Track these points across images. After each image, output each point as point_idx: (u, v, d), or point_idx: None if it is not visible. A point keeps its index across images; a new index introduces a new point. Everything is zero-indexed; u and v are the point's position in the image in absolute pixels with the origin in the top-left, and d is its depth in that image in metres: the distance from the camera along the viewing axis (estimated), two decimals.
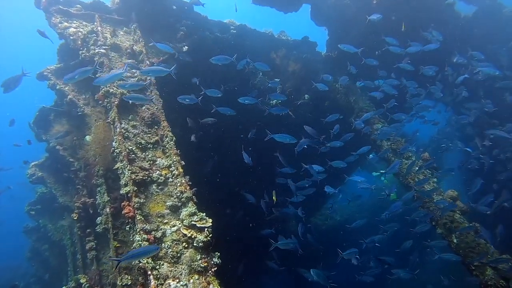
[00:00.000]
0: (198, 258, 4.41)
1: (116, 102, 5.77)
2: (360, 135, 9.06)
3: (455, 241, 7.51)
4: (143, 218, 4.57)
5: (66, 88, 7.46)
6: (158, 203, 5.00)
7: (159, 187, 5.16)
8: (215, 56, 7.01)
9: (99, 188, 6.47)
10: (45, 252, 11.37)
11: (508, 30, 12.34)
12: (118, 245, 5.48)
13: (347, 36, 9.96)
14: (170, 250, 4.47)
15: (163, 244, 4.51)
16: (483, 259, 6.81)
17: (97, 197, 6.49)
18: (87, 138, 6.49)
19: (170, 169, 5.39)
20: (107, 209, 5.90)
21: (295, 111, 9.33)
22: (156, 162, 5.47)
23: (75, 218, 7.31)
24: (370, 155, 9.00)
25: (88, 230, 7.09)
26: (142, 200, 4.80)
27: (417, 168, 8.50)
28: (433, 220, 7.98)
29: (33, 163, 9.56)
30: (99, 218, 6.18)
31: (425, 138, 17.90)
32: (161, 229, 4.65)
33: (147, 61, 6.70)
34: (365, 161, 13.88)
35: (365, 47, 9.85)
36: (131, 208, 4.63)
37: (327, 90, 8.60)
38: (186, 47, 7.88)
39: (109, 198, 6.02)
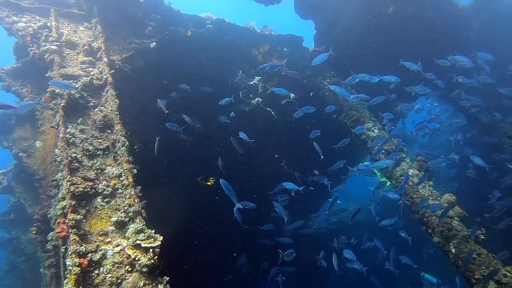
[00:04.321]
0: (141, 284, 3.74)
1: (62, 104, 5.12)
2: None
3: (453, 251, 6.79)
4: (78, 238, 3.90)
5: (24, 90, 6.85)
6: (102, 218, 4.34)
7: (105, 200, 4.50)
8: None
9: (53, 200, 5.84)
10: (21, 265, 10.79)
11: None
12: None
13: (335, 29, 9.28)
14: (109, 275, 3.80)
15: (101, 268, 3.85)
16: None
17: (50, 209, 5.86)
18: (37, 144, 5.86)
19: (120, 178, 4.74)
20: None
21: (280, 111, 8.67)
22: (105, 171, 4.81)
23: (34, 232, 6.69)
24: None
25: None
26: (79, 216, 4.13)
27: (410, 171, 7.83)
28: (429, 227, 7.30)
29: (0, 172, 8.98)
30: (50, 234, 5.53)
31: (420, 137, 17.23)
32: (101, 250, 3.98)
33: (104, 59, 6.05)
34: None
35: (355, 40, 9.22)
36: (65, 227, 3.97)
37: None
38: (154, 43, 7.23)
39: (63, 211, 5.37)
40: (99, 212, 4.38)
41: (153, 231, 4.17)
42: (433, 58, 9.46)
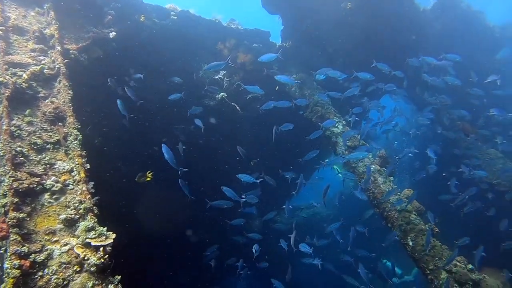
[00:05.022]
0: (89, 285, 3.54)
1: (7, 94, 4.75)
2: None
3: (410, 243, 7.05)
4: (20, 238, 3.63)
5: None
6: (49, 216, 4.07)
7: (54, 197, 4.22)
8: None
9: None
10: None
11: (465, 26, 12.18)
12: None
13: (302, 25, 9.31)
14: (55, 276, 3.57)
15: (46, 269, 3.60)
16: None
17: None
18: None
19: (71, 174, 4.47)
20: None
21: (245, 106, 8.59)
22: (55, 166, 4.52)
23: None
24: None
25: None
26: (23, 214, 3.85)
27: (372, 167, 8.03)
28: (389, 221, 7.54)
29: None
30: None
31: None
32: (47, 250, 3.73)
33: (58, 47, 5.69)
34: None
35: (321, 37, 9.29)
36: (4, 226, 3.68)
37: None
38: (113, 33, 6.90)
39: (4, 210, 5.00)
40: (46, 209, 4.11)
41: (105, 228, 3.97)
42: (397, 56, 9.81)
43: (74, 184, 4.38)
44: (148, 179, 5.77)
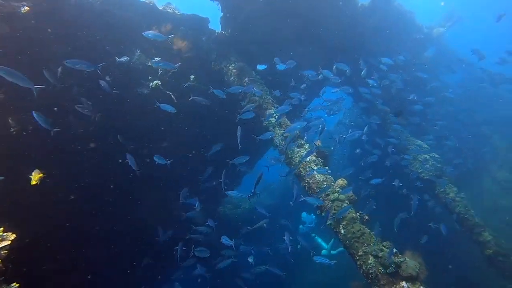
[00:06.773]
0: None
1: None
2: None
3: (342, 231, 7.27)
4: None
5: None
6: None
7: None
8: None
9: None
10: None
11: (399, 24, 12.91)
12: None
13: (241, 14, 9.10)
14: None
15: None
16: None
17: None
18: None
19: None
20: None
21: (181, 96, 8.21)
22: None
23: None
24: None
25: None
26: None
27: (308, 158, 8.14)
28: (323, 211, 7.72)
29: None
30: None
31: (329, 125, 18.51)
32: None
33: None
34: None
35: (259, 26, 9.18)
36: None
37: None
38: (26, 7, 6.09)
39: None
40: None
41: (1, 229, 3.47)
42: (339, 49, 10.14)
43: None
44: (34, 182, 5.12)
